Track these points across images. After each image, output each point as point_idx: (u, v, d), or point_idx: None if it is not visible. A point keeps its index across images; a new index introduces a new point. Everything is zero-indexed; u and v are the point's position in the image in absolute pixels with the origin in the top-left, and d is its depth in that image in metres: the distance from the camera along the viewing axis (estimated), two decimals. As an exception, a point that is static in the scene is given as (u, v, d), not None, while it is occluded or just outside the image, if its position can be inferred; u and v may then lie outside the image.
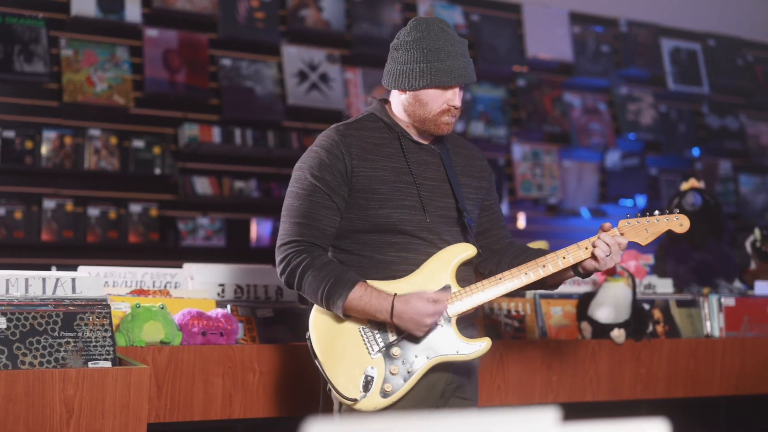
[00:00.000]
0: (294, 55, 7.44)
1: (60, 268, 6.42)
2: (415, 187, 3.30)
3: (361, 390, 3.15)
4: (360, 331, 3.20)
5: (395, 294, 3.16)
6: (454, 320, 3.25)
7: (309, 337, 3.25)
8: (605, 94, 8.84)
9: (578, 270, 3.36)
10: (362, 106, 7.60)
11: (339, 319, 3.21)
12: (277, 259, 3.25)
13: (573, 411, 4.58)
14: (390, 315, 3.13)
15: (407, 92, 3.30)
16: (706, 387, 4.76)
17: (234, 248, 7.18)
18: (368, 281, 3.18)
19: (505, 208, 8.23)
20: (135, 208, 6.81)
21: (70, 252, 6.69)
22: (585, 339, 4.51)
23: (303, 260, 3.18)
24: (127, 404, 3.15)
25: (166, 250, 6.95)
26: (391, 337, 3.20)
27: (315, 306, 3.25)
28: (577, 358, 4.44)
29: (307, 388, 3.79)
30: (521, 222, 8.44)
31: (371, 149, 3.30)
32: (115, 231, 6.75)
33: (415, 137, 3.37)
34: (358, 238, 3.29)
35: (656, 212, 3.41)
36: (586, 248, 3.31)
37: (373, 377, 3.16)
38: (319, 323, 3.24)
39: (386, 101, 3.45)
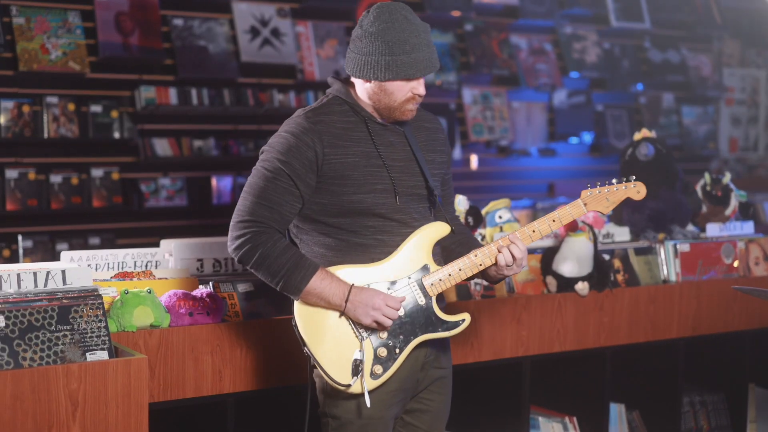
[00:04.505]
0: (245, 11, 7.50)
1: (27, 236, 6.51)
2: (385, 169, 3.35)
3: (352, 374, 3.26)
4: (346, 318, 3.30)
5: (353, 284, 3.28)
6: (434, 299, 3.38)
7: (295, 324, 3.32)
8: (550, 34, 8.99)
9: (488, 274, 3.50)
10: (315, 60, 7.69)
11: (324, 306, 3.30)
12: (233, 233, 3.29)
13: (542, 363, 4.80)
14: (345, 300, 3.24)
15: (372, 81, 3.32)
16: (665, 330, 4.98)
17: (196, 206, 7.29)
18: (328, 269, 3.29)
19: (457, 151, 8.40)
20: (97, 172, 6.89)
21: (35, 220, 6.77)
22: (551, 293, 4.70)
23: (263, 242, 3.24)
24: (128, 393, 3.29)
25: (131, 212, 7.05)
26: None
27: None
28: (545, 312, 4.63)
29: (291, 359, 3.94)
30: (474, 164, 8.61)
31: (341, 135, 3.32)
32: (78, 197, 6.83)
33: (379, 120, 3.40)
34: (333, 222, 3.34)
35: (614, 181, 3.55)
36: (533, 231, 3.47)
37: (362, 360, 3.26)
38: (304, 311, 3.31)
39: (348, 82, 3.45)
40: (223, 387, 3.88)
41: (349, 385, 3.26)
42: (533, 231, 3.46)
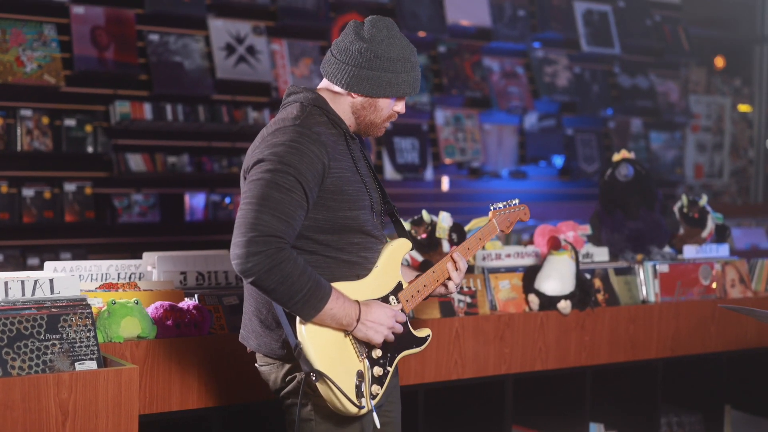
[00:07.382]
0: (221, 29, 7.48)
1: (-1, 250, 6.44)
2: (363, 185, 3.27)
3: (356, 396, 3.16)
4: (349, 338, 3.19)
5: (358, 301, 3.18)
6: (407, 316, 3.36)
7: (300, 347, 3.11)
8: (522, 57, 9.05)
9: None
10: (289, 78, 7.67)
11: (328, 328, 3.15)
12: (249, 249, 2.98)
13: (523, 381, 4.80)
14: (356, 320, 3.14)
15: (364, 96, 3.23)
16: (644, 351, 5.00)
17: (169, 223, 7.24)
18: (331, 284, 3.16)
19: (429, 172, 8.42)
20: (70, 187, 6.83)
21: (7, 234, 6.70)
22: (533, 311, 4.70)
23: (285, 260, 3.00)
24: (119, 403, 3.24)
25: (103, 227, 6.99)
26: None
27: (298, 318, 3.11)
28: (527, 330, 4.63)
29: (277, 373, 3.91)
30: (445, 185, 8.63)
31: (333, 147, 3.19)
32: (50, 211, 6.76)
33: (352, 133, 3.32)
34: (321, 239, 3.19)
35: (506, 203, 3.70)
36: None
37: (363, 381, 3.17)
38: (315, 332, 3.12)
39: (316, 92, 3.29)
40: (209, 400, 3.84)
41: (363, 407, 3.16)
42: (468, 248, 3.53)
